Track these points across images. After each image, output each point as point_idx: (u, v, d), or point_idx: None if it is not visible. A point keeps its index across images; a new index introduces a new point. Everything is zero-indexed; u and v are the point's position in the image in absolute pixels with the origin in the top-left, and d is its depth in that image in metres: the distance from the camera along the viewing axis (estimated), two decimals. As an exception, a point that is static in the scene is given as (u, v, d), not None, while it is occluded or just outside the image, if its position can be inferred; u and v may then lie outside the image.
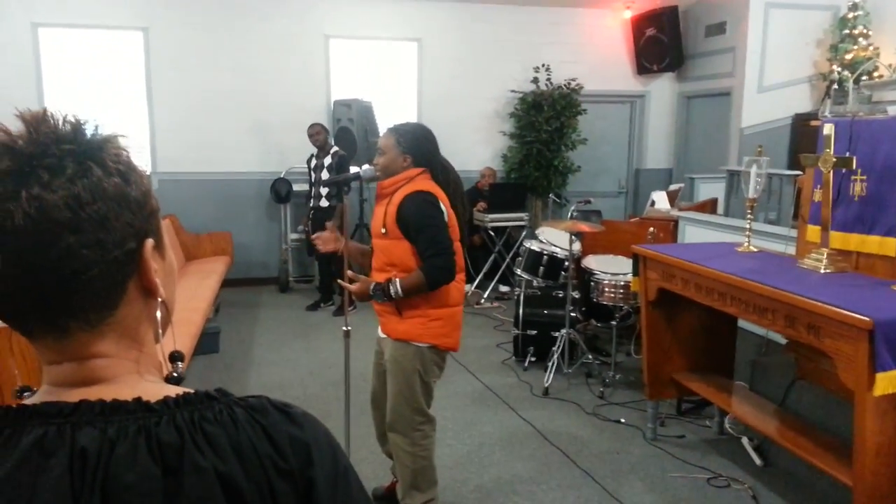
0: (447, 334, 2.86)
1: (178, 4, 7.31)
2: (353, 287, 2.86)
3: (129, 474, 0.65)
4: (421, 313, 2.80)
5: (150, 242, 0.74)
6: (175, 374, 0.82)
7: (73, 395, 0.70)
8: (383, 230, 2.81)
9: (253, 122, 7.61)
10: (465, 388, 4.73)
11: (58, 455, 0.65)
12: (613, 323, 4.88)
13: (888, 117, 3.18)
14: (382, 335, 2.96)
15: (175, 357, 0.84)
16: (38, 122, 0.69)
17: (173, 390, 0.74)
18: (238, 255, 7.40)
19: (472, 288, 7.07)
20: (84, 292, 0.69)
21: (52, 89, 7.13)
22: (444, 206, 2.79)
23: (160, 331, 0.80)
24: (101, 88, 7.24)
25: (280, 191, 7.44)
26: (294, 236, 7.67)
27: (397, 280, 2.74)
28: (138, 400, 0.70)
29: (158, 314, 0.78)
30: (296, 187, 7.43)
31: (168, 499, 0.66)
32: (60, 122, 0.70)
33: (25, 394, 0.77)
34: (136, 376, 0.75)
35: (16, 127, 0.70)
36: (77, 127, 0.71)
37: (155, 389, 0.74)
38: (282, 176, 7.53)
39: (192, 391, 0.74)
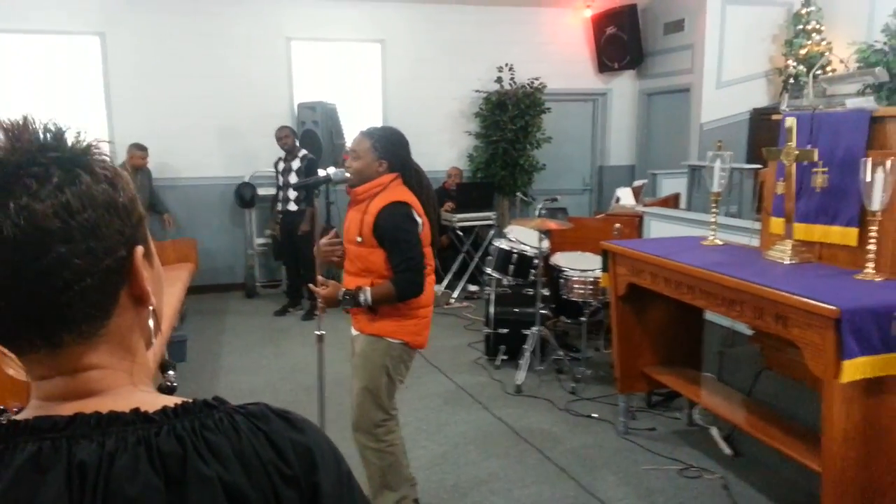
0: (419, 332, 2.89)
1: (135, 8, 7.16)
2: (322, 292, 2.84)
3: (131, 487, 0.64)
4: (396, 312, 2.82)
5: (140, 250, 0.73)
6: (169, 384, 0.81)
7: (67, 409, 0.68)
8: (359, 238, 2.80)
9: (215, 126, 7.50)
10: (437, 388, 4.73)
11: (54, 470, 0.63)
12: (583, 319, 4.92)
13: (847, 110, 3.25)
14: (355, 332, 2.95)
15: (167, 366, 0.82)
16: (18, 131, 0.68)
17: (170, 400, 0.73)
18: (203, 261, 7.28)
19: (442, 288, 7.07)
20: (77, 303, 0.67)
21: (6, 96, 6.93)
22: (419, 215, 2.79)
23: (153, 339, 0.78)
24: (58, 95, 7.06)
25: (245, 195, 7.35)
26: (260, 241, 7.58)
27: (368, 289, 2.75)
28: (136, 410, 0.69)
29: (151, 322, 0.77)
30: (261, 191, 7.34)
31: None
32: (41, 130, 0.69)
33: (3, 415, 0.74)
34: (130, 387, 0.74)
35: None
36: (59, 134, 0.69)
37: (151, 399, 0.72)
38: (246, 180, 7.44)
39: (189, 400, 0.73)
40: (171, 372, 0.82)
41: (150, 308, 0.76)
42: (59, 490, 0.63)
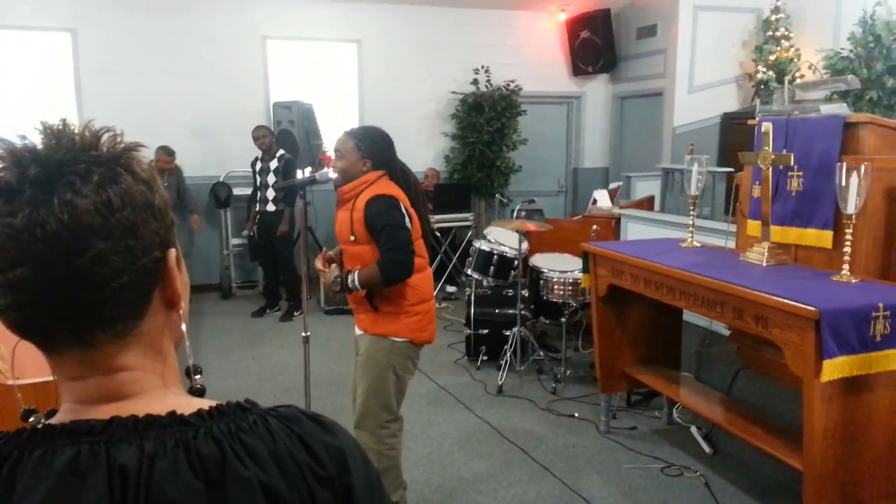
0: (423, 328, 2.89)
1: (108, 5, 7.06)
2: (326, 278, 2.90)
3: (172, 490, 0.64)
4: (398, 309, 2.83)
5: (173, 252, 0.74)
6: (198, 387, 0.81)
7: (103, 412, 0.69)
8: (352, 237, 2.81)
9: (190, 125, 7.42)
10: (419, 389, 4.75)
11: (94, 475, 0.63)
12: (563, 319, 4.98)
13: (822, 116, 3.34)
14: (358, 332, 2.95)
15: (195, 370, 0.83)
16: (57, 133, 0.69)
17: (203, 402, 0.73)
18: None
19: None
20: (113, 301, 0.68)
21: (-26, 93, 6.80)
22: (406, 207, 2.81)
23: (187, 343, 0.79)
24: (28, 92, 6.92)
25: (220, 195, 7.28)
26: (236, 241, 7.52)
27: (356, 272, 2.77)
28: (172, 413, 0.69)
29: (184, 326, 0.78)
30: (236, 191, 7.28)
31: None
32: (81, 133, 0.70)
33: (32, 417, 0.74)
34: (163, 389, 0.74)
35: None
36: (98, 136, 0.70)
37: (185, 402, 0.73)
38: (221, 180, 7.37)
39: (223, 403, 0.73)
40: (198, 375, 0.82)
41: (180, 311, 0.77)
42: (101, 494, 0.63)
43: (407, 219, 2.79)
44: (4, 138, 0.68)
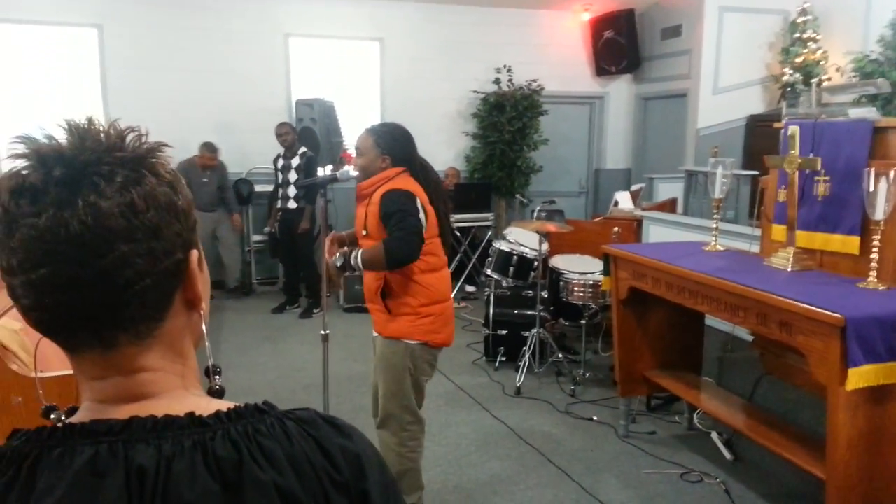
0: (437, 330, 2.86)
1: (134, 1, 7.13)
2: (328, 259, 2.88)
3: (189, 492, 0.64)
4: (410, 310, 2.80)
5: (195, 253, 0.74)
6: (217, 388, 0.81)
7: (122, 412, 0.69)
8: (364, 232, 2.81)
9: (213, 122, 7.46)
10: (437, 389, 4.73)
11: (113, 475, 0.64)
12: (583, 322, 4.94)
13: (850, 120, 3.29)
14: (375, 333, 2.95)
15: (214, 370, 0.82)
16: (83, 132, 0.69)
17: (222, 404, 0.73)
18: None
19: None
20: (134, 303, 0.68)
21: (3, 88, 6.89)
22: (423, 203, 2.79)
23: (207, 343, 0.79)
24: (55, 87, 7.01)
25: (242, 192, 7.32)
26: (257, 238, 7.56)
27: (359, 250, 2.76)
28: (191, 414, 0.69)
29: (204, 327, 0.78)
30: (258, 188, 7.33)
31: None
32: (105, 132, 0.70)
33: (53, 414, 0.75)
34: (182, 390, 0.74)
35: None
36: (123, 136, 0.70)
37: (204, 403, 0.73)
38: (243, 177, 7.42)
39: (241, 405, 0.73)
40: (217, 376, 0.82)
41: (201, 312, 0.77)
42: (119, 494, 0.63)
43: (422, 212, 2.76)
44: (31, 136, 0.68)
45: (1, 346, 3.24)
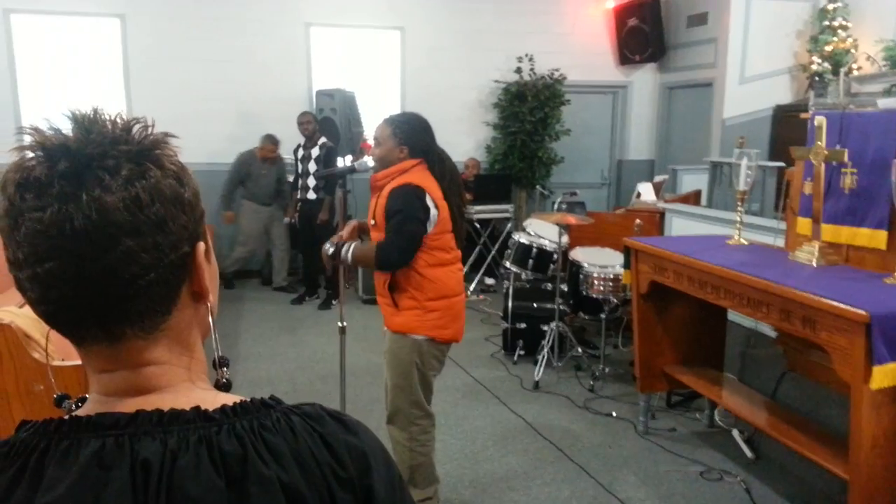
0: (445, 326, 2.83)
1: (156, -9, 7.17)
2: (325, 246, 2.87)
3: (193, 486, 0.64)
4: (417, 305, 2.78)
5: (202, 246, 0.74)
6: (224, 381, 0.81)
7: (128, 405, 0.69)
8: (372, 221, 2.80)
9: (233, 112, 7.49)
10: (455, 381, 4.72)
11: (118, 468, 0.64)
12: (603, 316, 4.88)
13: (878, 110, 3.19)
14: (384, 328, 2.93)
15: (222, 363, 0.82)
16: (90, 123, 0.68)
17: (228, 398, 0.73)
18: (220, 247, 7.31)
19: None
20: (141, 297, 0.68)
21: (26, 77, 6.97)
22: (434, 200, 2.75)
23: (215, 336, 0.79)
24: (77, 77, 7.08)
25: (262, 182, 7.33)
26: (278, 229, 7.57)
27: (353, 243, 2.77)
28: (197, 409, 0.69)
29: (211, 319, 0.78)
30: (279, 178, 7.34)
31: None
32: (111, 123, 0.69)
33: (66, 403, 0.77)
34: (188, 384, 0.74)
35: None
36: (129, 127, 0.70)
37: (210, 397, 0.73)
38: (264, 167, 7.42)
39: (247, 399, 0.73)
40: (225, 368, 0.82)
41: (208, 304, 0.77)
42: (124, 487, 0.63)
43: (434, 210, 2.73)
44: (38, 128, 0.68)
45: (23, 335, 3.28)
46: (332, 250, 2.80)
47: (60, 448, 0.65)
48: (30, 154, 0.66)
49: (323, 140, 6.52)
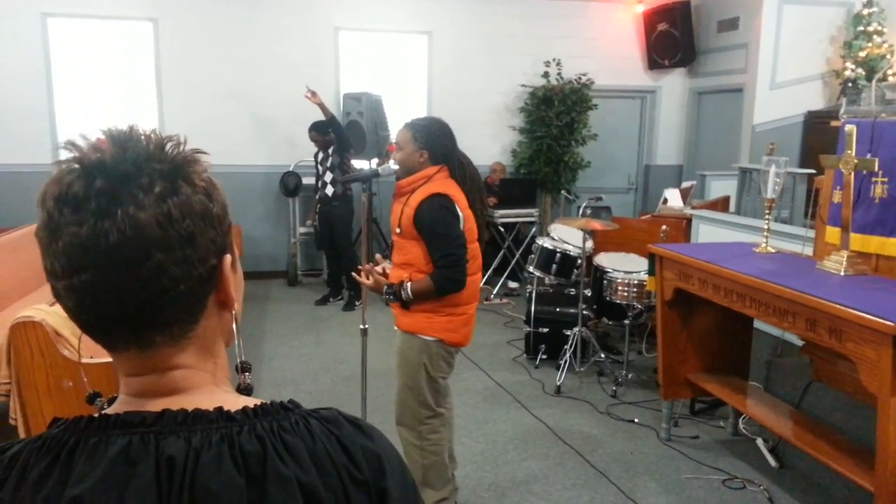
0: (454, 329, 2.84)
1: (188, -5, 7.28)
2: (368, 283, 2.84)
3: (215, 483, 0.67)
4: (428, 307, 2.79)
5: (228, 258, 0.77)
6: (246, 385, 0.84)
7: (155, 405, 0.73)
8: (398, 229, 2.80)
9: (262, 114, 7.58)
10: (476, 385, 4.73)
11: (144, 464, 0.67)
12: (626, 322, 4.86)
13: (911, 119, 3.14)
14: (395, 327, 2.95)
15: (244, 367, 0.85)
16: (125, 141, 0.72)
17: (249, 401, 0.76)
18: (247, 248, 7.40)
19: (482, 284, 7.04)
20: (170, 308, 0.72)
21: (61, 80, 7.11)
22: (461, 208, 2.76)
23: (239, 342, 0.83)
24: (111, 80, 7.21)
25: (289, 184, 7.41)
26: (303, 230, 7.65)
27: (408, 284, 2.74)
28: (219, 409, 0.73)
29: (235, 327, 0.82)
30: (305, 180, 7.39)
31: None
32: (146, 139, 0.73)
33: (98, 400, 0.82)
34: (213, 386, 0.78)
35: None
36: (162, 144, 0.73)
37: (232, 399, 0.76)
38: (290, 169, 7.50)
39: (267, 402, 0.76)
40: (247, 373, 0.85)
41: (233, 312, 0.80)
42: (149, 482, 0.66)
43: (461, 220, 2.74)
44: (77, 144, 0.72)
45: (53, 332, 3.35)
46: (390, 299, 2.80)
47: (90, 444, 0.69)
48: (68, 169, 0.70)
49: (332, 148, 6.60)
